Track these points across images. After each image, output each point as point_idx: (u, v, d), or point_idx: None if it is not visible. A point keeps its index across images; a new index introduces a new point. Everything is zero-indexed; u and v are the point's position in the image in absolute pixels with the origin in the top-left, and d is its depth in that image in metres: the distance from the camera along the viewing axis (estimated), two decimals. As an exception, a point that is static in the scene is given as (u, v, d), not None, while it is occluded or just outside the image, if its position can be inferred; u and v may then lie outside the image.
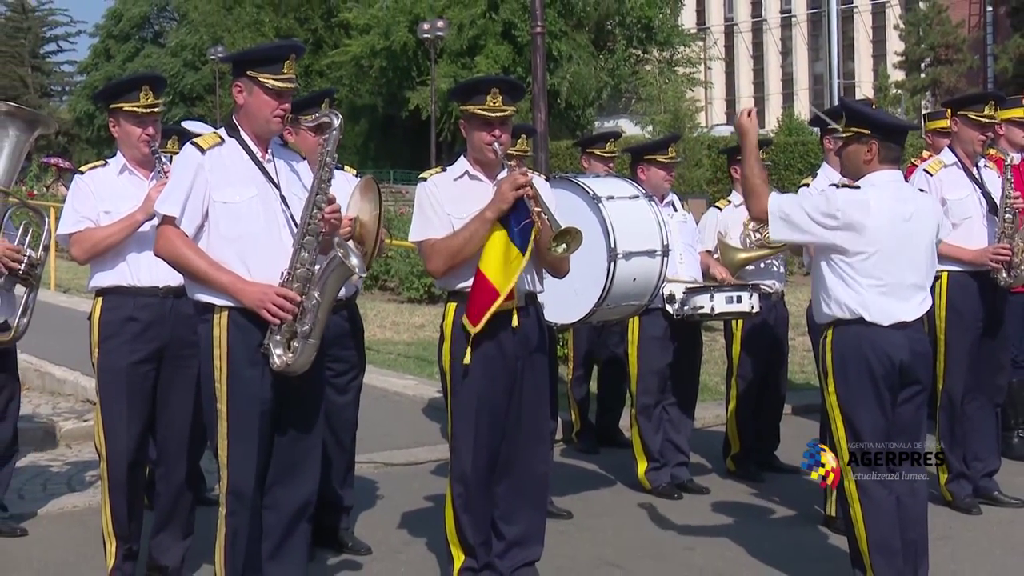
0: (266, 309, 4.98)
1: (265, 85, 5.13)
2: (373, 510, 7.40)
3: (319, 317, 5.06)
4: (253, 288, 5.02)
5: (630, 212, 6.94)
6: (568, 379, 9.21)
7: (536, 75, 11.27)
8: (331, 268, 5.07)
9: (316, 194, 5.11)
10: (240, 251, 5.09)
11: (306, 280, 5.05)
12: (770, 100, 62.95)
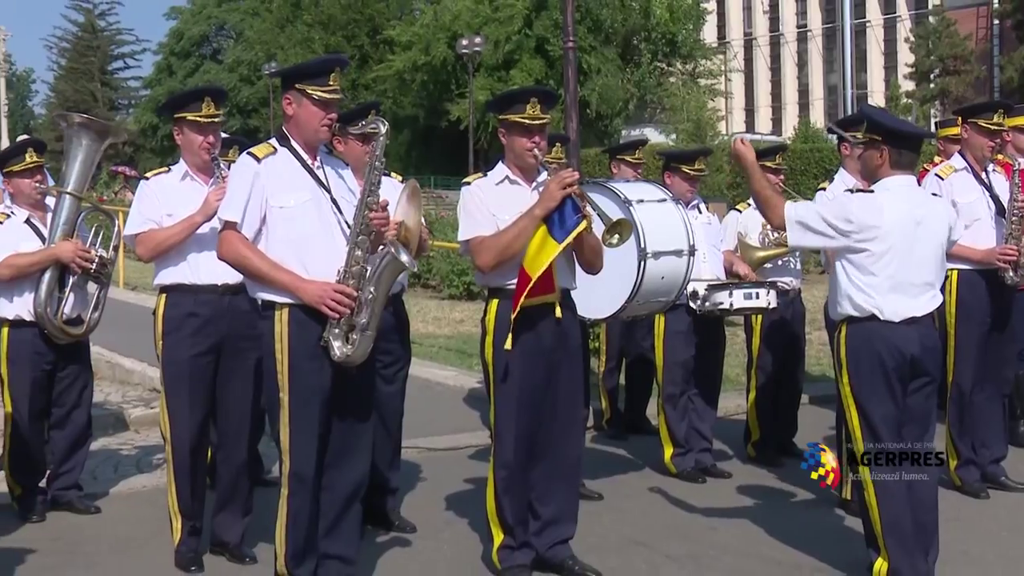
0: (326, 304, 5.01)
1: (312, 97, 5.18)
2: (418, 492, 7.42)
3: (375, 310, 5.09)
4: (312, 286, 5.05)
5: (658, 214, 6.94)
6: (599, 371, 9.21)
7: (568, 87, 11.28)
8: (385, 264, 5.09)
9: (367, 196, 5.14)
10: (297, 252, 5.13)
11: (361, 276, 5.08)
12: (787, 109, 62.67)
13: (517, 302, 5.50)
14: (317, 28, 58.10)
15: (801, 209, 5.80)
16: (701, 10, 52.30)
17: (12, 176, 6.82)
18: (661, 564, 6.06)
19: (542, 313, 5.64)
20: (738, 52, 64.14)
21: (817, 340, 10.79)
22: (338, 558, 5.34)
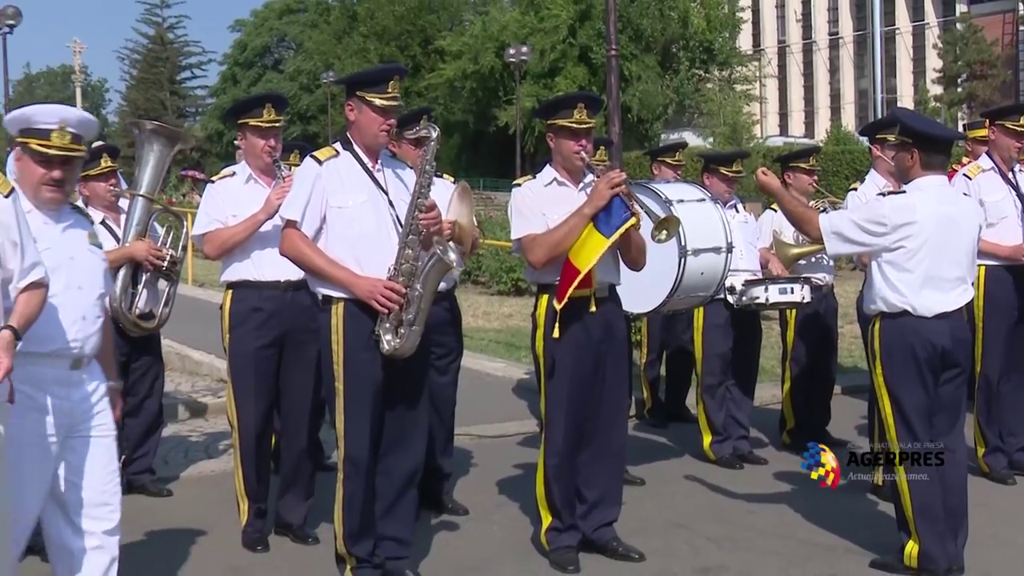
0: (376, 300, 5.04)
1: (372, 103, 5.20)
2: (469, 476, 7.44)
3: (422, 307, 5.10)
4: (364, 281, 5.08)
5: (698, 213, 6.93)
6: (641, 362, 9.20)
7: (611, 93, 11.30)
8: (432, 263, 5.11)
9: (417, 198, 5.16)
10: (353, 249, 5.16)
11: (410, 274, 5.10)
12: (819, 113, 62.22)
13: (564, 294, 5.51)
14: (372, 39, 58.27)
15: (835, 219, 5.78)
16: (737, 19, 52.07)
17: (88, 180, 6.89)
18: (701, 546, 6.04)
19: (588, 306, 5.65)
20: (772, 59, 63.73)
21: (849, 333, 10.72)
22: (395, 539, 5.36)
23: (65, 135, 4.28)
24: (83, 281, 4.40)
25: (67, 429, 4.33)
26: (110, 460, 4.49)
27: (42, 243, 4.27)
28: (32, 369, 4.20)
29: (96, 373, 4.50)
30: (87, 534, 4.41)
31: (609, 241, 5.48)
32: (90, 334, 4.38)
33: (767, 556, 5.90)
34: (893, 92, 58.31)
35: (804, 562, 5.81)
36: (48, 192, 4.35)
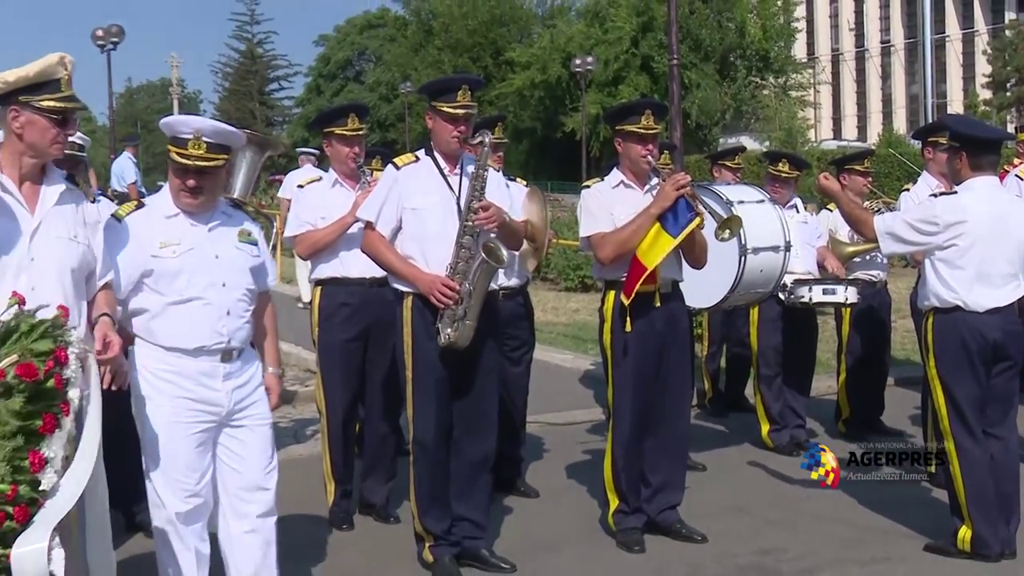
0: (433, 295, 5.08)
1: (443, 111, 5.23)
2: (540, 461, 7.45)
3: (472, 303, 5.11)
4: (426, 277, 5.14)
5: (757, 214, 6.88)
6: (702, 355, 9.15)
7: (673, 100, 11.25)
8: (479, 264, 5.13)
9: (471, 200, 5.18)
10: (421, 247, 5.21)
11: (465, 272, 5.13)
12: (871, 118, 61.40)
13: (632, 290, 5.51)
14: (447, 51, 58.45)
15: (889, 220, 5.73)
16: (792, 28, 51.51)
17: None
18: (760, 529, 6.00)
19: (653, 301, 5.64)
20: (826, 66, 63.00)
21: (901, 327, 10.56)
22: (470, 521, 5.39)
23: (200, 145, 4.30)
24: (227, 278, 4.41)
25: (221, 418, 4.40)
26: (266, 447, 4.53)
27: (186, 244, 4.35)
28: (180, 362, 4.30)
29: (250, 364, 4.54)
30: (243, 517, 4.49)
31: (676, 241, 5.47)
32: (236, 328, 4.41)
33: (824, 539, 5.84)
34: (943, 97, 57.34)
35: (860, 545, 5.75)
36: (186, 199, 4.39)
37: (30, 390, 3.02)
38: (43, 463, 2.96)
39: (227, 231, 4.51)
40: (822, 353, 8.56)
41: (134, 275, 4.31)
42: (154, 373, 4.33)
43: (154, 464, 4.34)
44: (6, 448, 2.91)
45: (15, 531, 2.82)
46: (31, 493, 2.91)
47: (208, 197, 4.43)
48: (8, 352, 3.06)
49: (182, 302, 4.32)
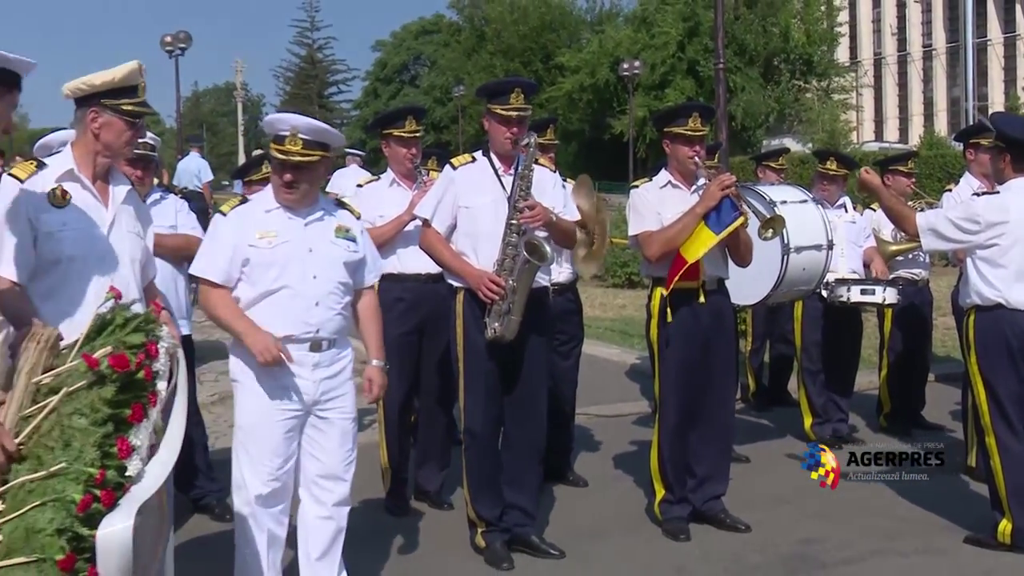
0: (480, 290, 5.10)
1: (497, 113, 5.24)
2: (588, 452, 7.45)
3: (516, 299, 5.12)
4: (474, 273, 5.17)
5: (800, 213, 6.83)
6: (746, 350, 9.09)
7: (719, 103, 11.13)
8: (522, 260, 5.13)
9: (515, 199, 5.18)
10: (473, 244, 5.24)
11: (511, 269, 5.14)
12: (913, 120, 60.60)
13: (672, 281, 5.51)
14: (498, 56, 58.43)
15: (931, 217, 5.66)
16: (835, 33, 50.97)
17: (252, 183, 7.04)
18: (802, 520, 5.96)
19: (697, 297, 5.64)
20: (868, 70, 62.28)
21: (942, 325, 10.42)
22: (520, 508, 5.41)
23: (297, 141, 4.34)
24: (319, 271, 4.45)
25: (308, 406, 4.45)
26: (347, 440, 4.57)
27: (282, 236, 4.41)
28: None
29: (342, 356, 4.57)
30: (320, 504, 4.54)
31: (718, 237, 5.45)
32: (326, 319, 4.44)
33: (865, 530, 5.79)
34: (984, 100, 56.47)
35: (900, 536, 5.70)
36: (284, 193, 4.44)
37: (121, 380, 3.06)
38: (130, 450, 3.01)
39: (324, 226, 4.52)
40: (864, 349, 8.49)
41: (236, 265, 4.39)
42: (247, 360, 4.39)
43: (242, 447, 4.42)
44: (97, 434, 2.96)
45: (101, 513, 2.87)
46: (117, 478, 2.96)
47: (305, 192, 4.45)
48: (103, 343, 3.11)
49: (273, 292, 4.38)
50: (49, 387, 3.06)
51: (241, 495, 4.44)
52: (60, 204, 3.89)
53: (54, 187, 3.90)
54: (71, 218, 3.89)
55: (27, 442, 2.99)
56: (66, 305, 3.80)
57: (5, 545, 2.86)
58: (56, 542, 2.81)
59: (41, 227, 3.86)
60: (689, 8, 46.28)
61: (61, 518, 2.83)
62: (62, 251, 3.87)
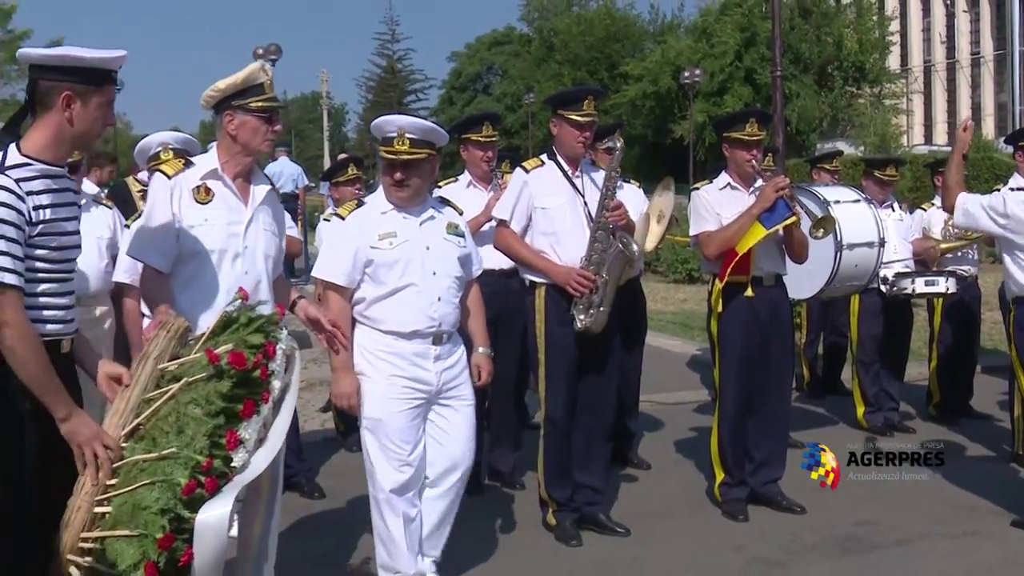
0: (570, 285, 5.10)
1: (571, 119, 5.23)
2: (652, 437, 7.43)
3: (608, 291, 5.12)
4: (561, 269, 5.15)
5: (853, 212, 6.77)
6: (801, 342, 8.99)
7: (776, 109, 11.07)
8: (615, 254, 5.12)
9: (604, 199, 5.18)
10: (552, 242, 5.23)
11: (599, 263, 5.13)
12: (961, 124, 59.45)
13: (724, 275, 5.49)
14: (566, 65, 58.25)
15: (969, 199, 5.62)
16: (887, 42, 50.11)
17: (338, 185, 7.13)
18: (855, 503, 5.88)
19: (757, 292, 5.58)
20: (918, 76, 61.10)
21: (989, 319, 10.23)
22: (590, 487, 5.41)
23: (404, 141, 4.35)
24: (438, 267, 4.46)
25: (431, 396, 4.46)
26: (469, 426, 4.57)
27: (401, 236, 4.42)
28: (396, 344, 4.38)
29: (457, 347, 4.58)
30: (440, 486, 4.54)
31: (767, 231, 5.42)
32: (446, 313, 4.46)
33: (915, 513, 5.71)
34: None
35: (949, 520, 5.62)
36: (395, 192, 4.45)
37: (238, 377, 3.10)
38: (237, 443, 3.05)
39: (436, 224, 4.52)
40: (914, 342, 8.38)
41: (359, 267, 4.39)
42: (373, 353, 4.40)
43: (373, 437, 4.39)
44: (209, 425, 3.00)
45: (203, 499, 2.90)
46: (223, 468, 3.00)
47: (415, 189, 4.44)
48: (226, 340, 3.16)
49: (398, 290, 4.37)
50: (172, 375, 3.12)
51: (375, 484, 4.40)
52: (203, 201, 3.95)
53: (198, 184, 3.96)
54: (212, 214, 3.95)
55: (145, 423, 3.04)
56: (200, 296, 3.86)
57: (113, 517, 2.92)
58: (159, 520, 2.85)
59: (185, 221, 3.92)
60: (746, 19, 45.81)
61: (166, 499, 2.88)
62: (202, 245, 3.92)
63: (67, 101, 3.10)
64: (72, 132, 3.14)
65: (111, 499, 2.95)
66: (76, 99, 3.11)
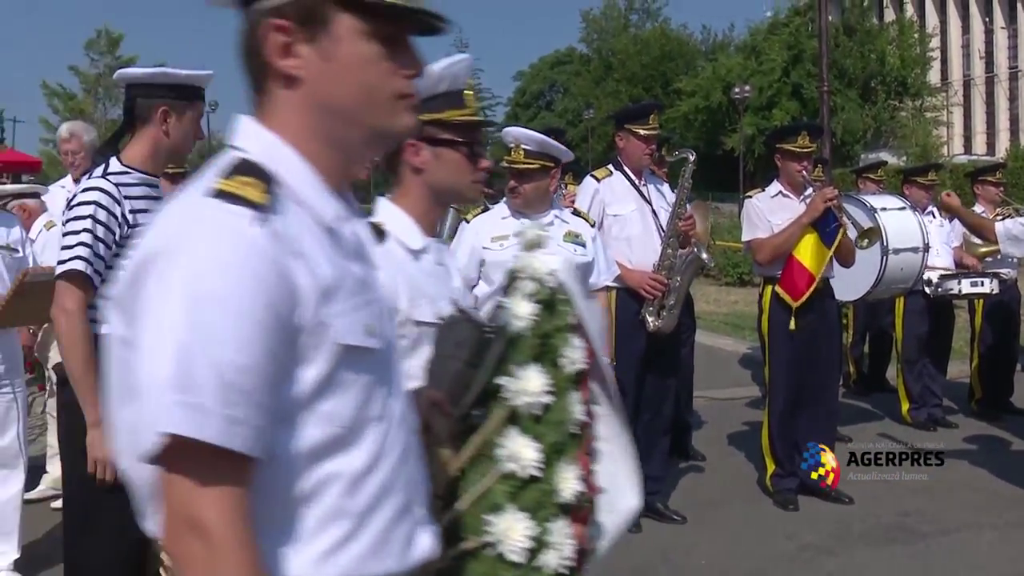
0: (644, 288, 5.06)
1: (637, 133, 5.19)
2: (706, 430, 7.33)
3: (680, 294, 5.08)
4: (636, 274, 5.12)
5: (898, 219, 6.67)
6: (848, 341, 8.86)
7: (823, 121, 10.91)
8: (690, 260, 5.09)
9: (678, 207, 5.15)
10: (625, 248, 5.18)
11: (670, 268, 5.10)
12: (999, 135, 57.97)
13: (801, 294, 5.40)
14: (623, 83, 58.04)
15: (1009, 226, 5.54)
16: (928, 57, 49.21)
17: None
18: (901, 494, 5.76)
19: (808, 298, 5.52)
20: (958, 90, 59.79)
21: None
22: (651, 478, 5.36)
23: (520, 151, 4.34)
24: None
25: None
26: None
27: (513, 239, 4.42)
28: None
29: None
30: None
31: (831, 250, 5.36)
32: None
33: (960, 504, 5.58)
34: (1066, 115, 53.83)
35: (992, 510, 5.47)
36: (511, 198, 4.43)
37: None
38: None
39: (554, 231, 4.42)
40: (955, 342, 8.20)
41: (474, 266, 4.37)
42: None
43: None
44: None
45: None
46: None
47: (528, 196, 4.37)
48: None
49: None
50: None
51: None
52: None
53: None
54: None
55: None
56: None
57: None
58: None
59: None
60: (793, 38, 45.32)
61: None
62: None
63: (164, 115, 3.14)
64: (168, 144, 3.18)
65: None
66: (172, 113, 3.16)
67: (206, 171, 1.37)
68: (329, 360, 1.31)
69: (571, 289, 2.01)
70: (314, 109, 1.39)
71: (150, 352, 1.22)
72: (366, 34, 1.38)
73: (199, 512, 1.20)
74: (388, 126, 1.44)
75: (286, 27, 1.35)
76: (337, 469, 1.33)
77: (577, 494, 1.89)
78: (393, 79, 1.41)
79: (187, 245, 1.24)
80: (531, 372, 1.88)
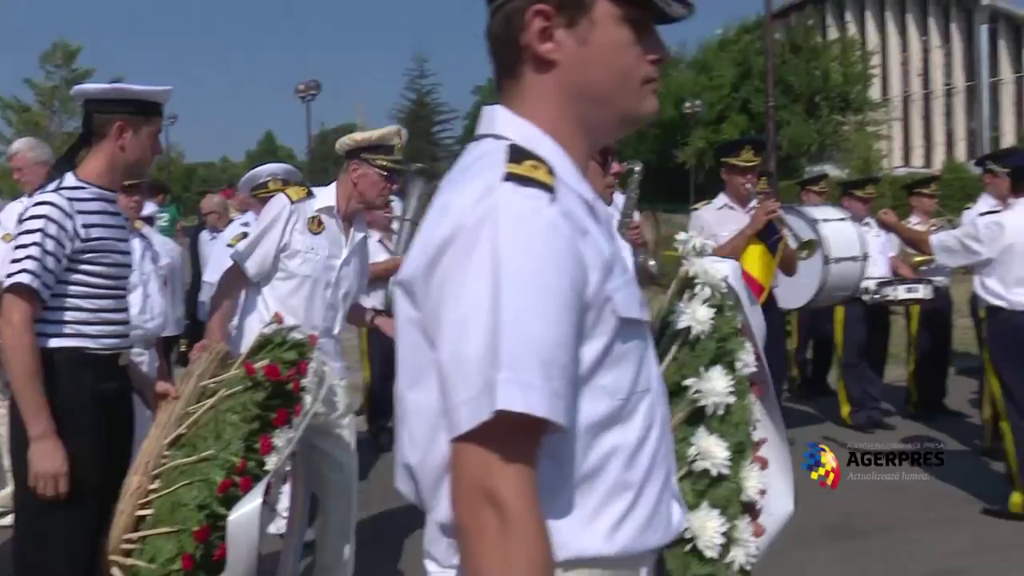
0: None
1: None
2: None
3: None
4: None
5: (839, 230, 6.81)
6: (792, 348, 8.99)
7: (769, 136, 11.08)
8: (637, 269, 5.12)
9: (624, 217, 5.19)
10: None
11: None
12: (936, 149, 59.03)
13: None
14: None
15: (943, 239, 5.69)
16: (869, 74, 50.00)
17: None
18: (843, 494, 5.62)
19: None
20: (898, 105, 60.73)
21: (961, 325, 10.18)
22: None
23: None
24: None
25: None
26: None
27: None
28: None
29: None
30: None
31: (776, 260, 5.46)
32: None
33: (900, 502, 5.69)
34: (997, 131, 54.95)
35: (930, 508, 5.62)
36: None
37: (272, 388, 3.07)
38: (270, 448, 3.00)
39: None
40: (893, 347, 8.36)
41: None
42: None
43: None
44: (244, 430, 2.96)
45: (237, 498, 2.84)
46: (256, 470, 2.94)
47: None
48: (262, 358, 3.14)
49: None
50: (212, 390, 3.08)
51: None
52: (315, 231, 3.95)
53: (314, 215, 3.95)
54: (319, 245, 3.95)
55: (187, 432, 2.99)
56: (291, 311, 3.80)
57: (154, 517, 2.86)
58: (196, 515, 2.79)
59: (293, 245, 3.91)
60: (742, 55, 45.87)
61: (203, 496, 2.82)
62: (303, 270, 3.92)
63: (120, 130, 3.09)
64: (125, 159, 3.13)
65: (152, 502, 2.88)
66: (128, 128, 3.10)
67: (473, 161, 1.38)
68: (608, 334, 1.31)
69: (739, 294, 2.08)
70: (568, 93, 1.40)
71: (460, 331, 1.22)
72: (619, 19, 1.39)
73: (498, 485, 1.19)
74: (636, 110, 1.44)
75: (547, 11, 1.37)
76: (617, 442, 1.33)
77: (758, 492, 1.99)
78: (642, 63, 1.42)
79: (490, 227, 1.23)
80: (716, 373, 1.94)
